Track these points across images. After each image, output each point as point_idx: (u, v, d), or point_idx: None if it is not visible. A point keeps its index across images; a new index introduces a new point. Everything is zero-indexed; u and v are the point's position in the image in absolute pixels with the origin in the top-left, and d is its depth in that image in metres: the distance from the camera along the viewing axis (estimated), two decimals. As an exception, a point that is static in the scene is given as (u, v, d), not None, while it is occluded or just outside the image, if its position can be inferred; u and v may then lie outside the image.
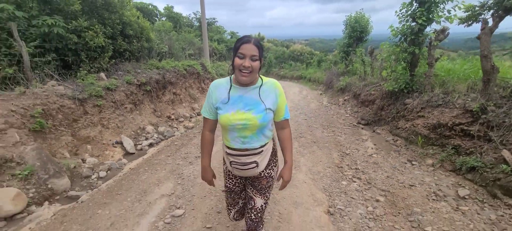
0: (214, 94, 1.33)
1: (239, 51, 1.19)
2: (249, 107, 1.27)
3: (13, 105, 3.44)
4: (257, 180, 1.44)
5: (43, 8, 5.04)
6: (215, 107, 1.33)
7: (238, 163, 1.35)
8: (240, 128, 1.28)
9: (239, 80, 1.24)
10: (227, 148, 1.38)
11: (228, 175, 1.53)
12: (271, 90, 1.32)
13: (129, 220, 2.17)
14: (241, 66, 1.19)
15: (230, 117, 1.27)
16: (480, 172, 2.75)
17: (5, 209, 2.47)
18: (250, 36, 1.23)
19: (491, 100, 3.05)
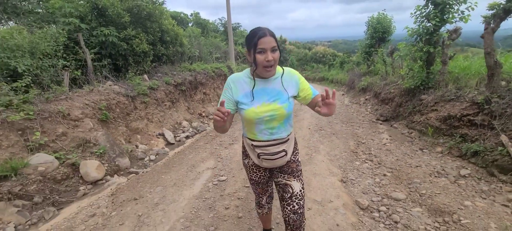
0: (235, 88, 1.32)
1: (258, 46, 1.18)
2: (274, 98, 1.28)
3: (86, 100, 4.40)
4: (286, 165, 1.43)
5: (100, 21, 6.12)
6: (236, 101, 1.31)
7: (267, 153, 1.34)
8: (267, 120, 1.28)
9: (265, 75, 1.26)
10: (252, 142, 1.36)
11: (252, 169, 1.49)
12: (291, 78, 1.34)
13: (186, 182, 2.91)
14: (265, 61, 1.20)
15: (256, 110, 1.26)
16: (481, 155, 3.16)
17: (91, 175, 3.34)
18: (263, 29, 1.22)
19: (495, 92, 3.42)
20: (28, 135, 3.34)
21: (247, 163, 1.50)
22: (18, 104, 3.48)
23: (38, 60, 4.52)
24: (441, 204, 2.26)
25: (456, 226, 1.97)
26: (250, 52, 1.23)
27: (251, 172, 1.51)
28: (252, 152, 1.40)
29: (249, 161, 1.48)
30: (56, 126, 3.67)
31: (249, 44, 1.24)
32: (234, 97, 1.30)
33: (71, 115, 3.95)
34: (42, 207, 2.83)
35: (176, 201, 2.47)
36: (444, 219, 2.06)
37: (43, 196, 2.94)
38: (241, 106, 1.30)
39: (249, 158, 1.47)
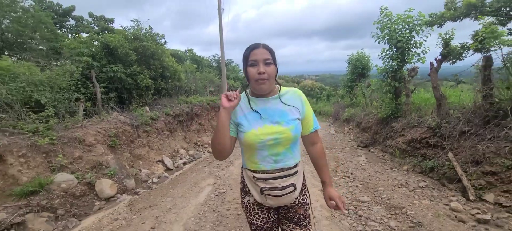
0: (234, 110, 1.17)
1: (250, 59, 1.11)
2: (277, 119, 1.15)
3: (98, 128, 5.01)
4: (292, 210, 1.25)
5: (109, 59, 6.93)
6: (236, 123, 1.18)
7: (272, 188, 1.15)
8: (271, 144, 1.13)
9: (258, 90, 1.15)
10: (254, 173, 1.18)
11: (253, 210, 1.27)
12: (296, 97, 1.22)
13: (191, 194, 3.48)
14: (256, 74, 1.10)
15: (257, 132, 1.13)
16: (436, 170, 3.91)
17: (105, 193, 3.85)
18: (257, 43, 1.15)
19: (444, 119, 4.30)
20: (51, 157, 3.88)
21: (247, 201, 1.27)
22: (43, 131, 4.07)
23: (55, 93, 5.19)
24: (396, 203, 2.94)
25: (403, 216, 2.63)
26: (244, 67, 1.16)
27: (252, 214, 1.27)
28: (253, 187, 1.20)
29: (249, 199, 1.26)
30: (74, 150, 4.23)
31: (243, 60, 1.16)
32: (234, 119, 1.17)
33: (86, 141, 4.52)
34: (65, 219, 3.29)
35: (185, 206, 3.04)
36: (396, 212, 2.72)
37: (65, 209, 3.41)
38: (240, 128, 1.16)
39: (249, 195, 1.25)
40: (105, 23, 16.78)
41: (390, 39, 5.88)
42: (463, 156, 3.55)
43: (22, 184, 3.41)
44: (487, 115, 3.53)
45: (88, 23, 16.78)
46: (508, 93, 3.27)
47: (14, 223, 2.98)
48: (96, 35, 12.12)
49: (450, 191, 3.39)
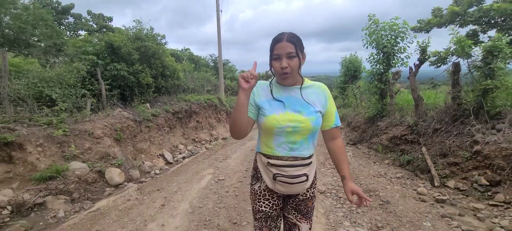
0: (258, 92, 1.23)
1: (274, 53, 1.15)
2: (299, 108, 1.18)
3: (105, 123, 5.41)
4: (302, 201, 1.29)
5: (112, 58, 7.32)
6: (257, 105, 1.22)
7: (285, 175, 1.18)
8: (289, 131, 1.16)
9: (282, 83, 1.21)
10: (268, 158, 1.21)
11: (264, 196, 1.29)
12: (320, 92, 1.26)
13: (193, 180, 3.93)
14: (280, 69, 1.14)
15: (278, 117, 1.16)
16: (412, 163, 4.43)
17: (115, 180, 4.26)
18: (283, 33, 1.16)
19: (420, 118, 4.83)
20: (64, 147, 4.28)
21: (258, 188, 1.30)
22: (56, 123, 4.46)
23: (64, 89, 5.57)
24: (371, 188, 3.43)
25: (375, 197, 3.13)
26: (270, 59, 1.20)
27: (261, 201, 1.29)
28: (266, 173, 1.23)
29: (260, 185, 1.29)
30: (84, 141, 4.63)
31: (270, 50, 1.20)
32: (256, 100, 1.21)
33: (94, 134, 4.93)
34: (80, 201, 3.70)
35: (189, 190, 3.48)
36: (369, 194, 3.22)
37: (79, 193, 3.82)
38: (262, 111, 1.20)
39: (260, 181, 1.29)
40: (104, 21, 17.04)
41: (378, 45, 6.40)
42: (434, 150, 4.07)
43: (40, 170, 3.81)
44: (455, 114, 4.06)
45: (86, 21, 17.01)
46: (472, 95, 3.80)
47: (36, 203, 3.38)
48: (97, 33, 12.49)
49: (421, 180, 3.90)
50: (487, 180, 2.97)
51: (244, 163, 5.10)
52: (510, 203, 2.63)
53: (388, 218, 2.59)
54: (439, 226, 2.42)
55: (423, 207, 2.94)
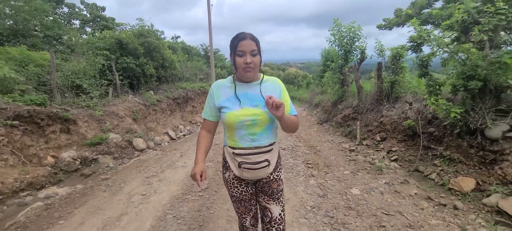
0: (217, 94, 1.40)
1: (238, 49, 1.27)
2: (255, 103, 1.34)
3: (124, 106, 7.18)
4: (267, 184, 1.45)
5: (121, 52, 8.94)
6: (219, 107, 1.38)
7: (249, 163, 1.35)
8: (249, 124, 1.32)
9: (244, 77, 1.33)
10: (233, 149, 1.38)
11: (233, 184, 1.46)
12: (275, 86, 1.41)
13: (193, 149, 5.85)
14: (244, 64, 1.26)
15: (237, 113, 1.32)
16: (350, 133, 6.48)
17: (140, 146, 6.10)
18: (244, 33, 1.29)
19: (361, 101, 6.86)
20: (101, 123, 6.06)
21: (228, 177, 1.47)
22: (93, 106, 6.22)
23: (89, 79, 7.26)
24: (313, 146, 5.45)
25: (314, 149, 5.14)
26: (231, 55, 1.33)
27: (232, 187, 1.48)
28: (232, 162, 1.40)
29: (229, 174, 1.46)
30: (113, 119, 6.42)
31: (230, 47, 1.33)
32: (216, 104, 1.38)
33: (119, 114, 6.71)
34: (120, 159, 5.54)
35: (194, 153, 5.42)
36: (310, 149, 5.23)
37: (118, 154, 5.65)
38: (223, 110, 1.36)
39: (229, 170, 1.45)
40: (97, 10, 18.13)
41: (340, 44, 8.33)
42: (363, 122, 6.12)
43: (89, 139, 5.60)
44: (378, 98, 6.08)
45: (80, 10, 18.08)
46: (386, 85, 5.80)
47: (93, 159, 5.21)
48: (91, 23, 13.90)
49: (351, 141, 5.96)
50: (380, 138, 5.01)
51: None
52: (387, 150, 4.68)
53: (315, 157, 4.62)
54: (339, 159, 4.46)
55: (338, 152, 4.98)
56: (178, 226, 2.46)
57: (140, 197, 3.13)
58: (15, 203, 3.50)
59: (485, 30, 2.89)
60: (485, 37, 2.97)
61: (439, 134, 3.66)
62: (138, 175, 4.05)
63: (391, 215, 2.57)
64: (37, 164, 4.57)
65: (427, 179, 3.40)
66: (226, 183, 1.49)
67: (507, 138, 2.83)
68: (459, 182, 2.94)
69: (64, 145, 5.30)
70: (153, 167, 4.47)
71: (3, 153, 4.09)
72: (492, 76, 2.89)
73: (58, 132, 5.26)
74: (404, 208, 2.72)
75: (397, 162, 4.08)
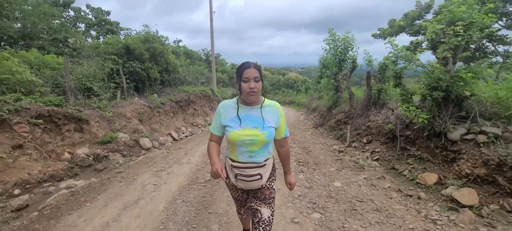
0: (223, 114, 1.62)
1: (243, 76, 1.49)
2: (255, 125, 1.55)
3: (131, 108, 7.72)
4: (260, 191, 1.67)
5: (128, 57, 9.51)
6: (224, 125, 1.61)
7: (243, 175, 1.59)
8: (248, 143, 1.54)
9: (248, 100, 1.54)
10: (232, 161, 1.62)
11: (232, 188, 1.78)
12: (274, 111, 1.62)
13: (200, 145, 6.37)
14: (248, 88, 1.48)
15: (239, 132, 1.53)
16: (341, 136, 7.02)
17: (146, 146, 6.63)
18: (249, 62, 1.53)
19: (352, 106, 7.41)
20: (111, 123, 6.60)
21: (228, 182, 1.76)
22: (103, 107, 6.76)
23: (98, 82, 7.80)
24: (306, 147, 5.98)
25: (306, 150, 5.67)
26: (238, 81, 1.55)
27: (231, 190, 1.81)
28: (230, 172, 1.65)
29: (229, 181, 1.73)
30: (121, 120, 6.96)
31: (236, 75, 1.57)
32: (222, 122, 1.61)
33: (126, 115, 7.25)
34: (128, 156, 6.06)
35: (199, 148, 5.93)
36: (303, 149, 5.75)
37: (127, 152, 6.18)
38: (227, 129, 1.58)
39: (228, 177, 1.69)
40: (102, 14, 18.75)
41: (335, 53, 8.91)
42: (353, 126, 6.67)
43: (100, 137, 6.13)
44: (367, 104, 6.64)
45: (85, 14, 18.72)
46: (374, 92, 6.35)
47: (104, 156, 5.74)
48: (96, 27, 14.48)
49: (342, 144, 6.50)
50: (367, 140, 5.56)
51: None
52: (371, 151, 5.21)
53: (306, 156, 5.15)
54: (328, 159, 4.99)
55: (328, 153, 5.52)
56: (187, 208, 2.99)
57: (152, 186, 3.66)
58: (40, 191, 4.02)
59: (447, 48, 3.45)
60: (448, 55, 3.53)
61: (413, 137, 4.20)
62: (148, 169, 4.57)
63: (363, 202, 3.10)
64: (55, 159, 5.09)
65: (401, 175, 3.94)
66: (227, 186, 1.82)
67: (464, 140, 3.37)
68: (425, 177, 3.48)
69: (77, 143, 5.83)
70: (161, 163, 4.99)
71: (28, 148, 4.63)
72: (453, 88, 3.45)
73: (73, 130, 5.79)
74: (376, 197, 3.25)
75: (378, 161, 4.62)
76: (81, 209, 3.06)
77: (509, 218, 2.53)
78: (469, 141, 3.31)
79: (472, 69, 3.39)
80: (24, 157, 4.50)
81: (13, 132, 4.52)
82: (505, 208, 2.64)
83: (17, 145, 4.46)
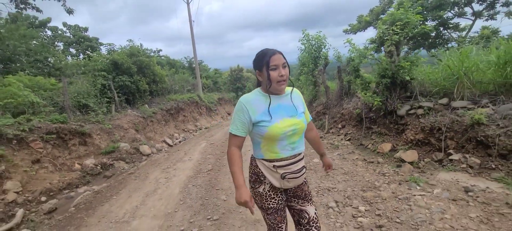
0: (251, 109, 1.42)
1: (271, 64, 1.35)
2: (291, 113, 1.45)
3: (127, 119, 8.36)
4: (299, 188, 1.57)
5: (117, 72, 10.09)
6: (256, 121, 1.41)
7: (291, 172, 1.45)
8: (290, 134, 1.42)
9: (279, 90, 1.43)
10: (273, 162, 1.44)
11: (269, 196, 1.50)
12: (299, 96, 1.60)
13: (196, 146, 7.14)
14: (278, 77, 1.36)
15: (279, 125, 1.38)
16: (321, 125, 8.02)
17: (146, 152, 7.32)
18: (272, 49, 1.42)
19: (329, 98, 8.44)
20: (111, 135, 7.23)
21: (263, 190, 1.50)
22: (102, 121, 7.38)
23: (92, 98, 8.38)
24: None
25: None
26: (262, 71, 1.39)
27: (268, 200, 1.51)
28: (272, 174, 1.46)
29: (264, 187, 1.50)
30: (120, 131, 7.61)
31: (260, 64, 1.40)
32: (253, 119, 1.41)
33: (123, 127, 7.90)
34: (131, 162, 6.72)
35: (196, 149, 6.70)
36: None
37: (129, 160, 6.83)
38: (262, 124, 1.39)
39: (264, 183, 1.49)
40: (80, 31, 18.92)
41: (309, 51, 9.93)
42: (330, 115, 7.68)
43: (103, 148, 6.77)
44: (340, 95, 7.67)
45: (62, 32, 18.85)
46: (345, 84, 7.38)
47: (110, 164, 6.39)
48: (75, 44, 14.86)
49: (322, 131, 7.48)
50: (341, 126, 6.56)
51: (223, 137, 8.38)
52: (344, 133, 6.19)
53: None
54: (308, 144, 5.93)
55: None
56: (198, 189, 3.80)
57: (165, 179, 4.42)
58: (63, 197, 4.68)
59: (390, 44, 4.46)
60: (392, 49, 4.55)
61: (375, 117, 5.21)
62: (156, 169, 5.32)
63: (335, 170, 4.04)
64: (68, 170, 5.72)
65: (367, 148, 4.93)
66: (261, 197, 1.51)
67: (409, 114, 4.39)
68: (382, 147, 4.48)
69: (83, 155, 6.44)
70: (165, 163, 5.74)
71: (45, 162, 5.25)
72: (398, 75, 4.47)
73: (78, 144, 6.41)
74: (345, 165, 4.20)
75: (350, 141, 5.62)
76: (110, 201, 3.79)
77: (436, 166, 3.54)
78: (412, 115, 4.34)
79: (409, 58, 4.43)
80: (42, 169, 5.12)
81: (30, 148, 5.13)
82: (433, 159, 3.65)
83: (35, 159, 5.08)
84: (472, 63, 3.78)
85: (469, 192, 2.69)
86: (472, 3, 10.57)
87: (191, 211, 3.09)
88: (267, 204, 1.50)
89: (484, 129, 3.17)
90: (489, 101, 3.51)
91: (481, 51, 4.12)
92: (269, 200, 1.50)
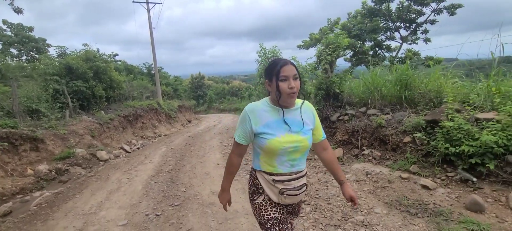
0: (254, 119, 1.38)
1: (281, 75, 1.29)
2: (296, 129, 1.38)
3: (82, 125, 8.34)
4: (297, 205, 1.56)
5: (71, 77, 9.88)
6: (257, 132, 1.37)
7: (290, 189, 1.41)
8: (291, 151, 1.36)
9: (288, 103, 1.37)
10: (271, 176, 1.41)
11: (270, 205, 1.46)
12: (310, 110, 1.49)
13: (156, 151, 7.48)
14: (288, 89, 1.29)
15: (280, 140, 1.33)
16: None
17: (104, 157, 7.43)
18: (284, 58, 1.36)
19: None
20: (65, 140, 7.21)
21: (263, 200, 1.47)
22: (55, 126, 7.33)
23: (43, 104, 8.20)
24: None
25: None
26: (272, 81, 1.34)
27: (268, 210, 1.46)
28: (271, 188, 1.43)
29: (264, 198, 1.47)
30: (75, 137, 7.60)
31: (270, 74, 1.35)
32: (254, 129, 1.37)
33: (79, 132, 7.89)
34: (88, 168, 6.80)
35: (156, 153, 7.07)
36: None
37: (86, 165, 6.91)
38: (263, 136, 1.36)
39: (263, 194, 1.47)
40: (24, 31, 17.61)
41: (265, 64, 10.91)
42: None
43: (57, 154, 6.76)
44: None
45: (2, 31, 17.38)
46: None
47: (65, 170, 6.43)
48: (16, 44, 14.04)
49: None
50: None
51: (183, 142, 8.82)
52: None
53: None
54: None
55: None
56: (160, 185, 4.31)
57: (127, 179, 4.81)
58: (18, 201, 4.76)
59: (325, 63, 5.54)
60: (327, 66, 5.64)
61: (315, 123, 6.26)
62: (117, 171, 5.62)
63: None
64: (20, 175, 5.70)
65: (308, 149, 5.92)
66: (260, 208, 1.47)
67: (339, 120, 5.48)
68: (318, 146, 5.49)
69: (35, 161, 6.40)
70: (126, 166, 6.05)
71: (-5, 167, 5.21)
72: (331, 88, 5.54)
73: (28, 150, 6.37)
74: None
75: (296, 143, 6.58)
76: (73, 199, 4.09)
77: (353, 159, 4.60)
78: (341, 120, 5.43)
79: (339, 75, 5.56)
80: (-7, 175, 5.09)
81: (-21, 153, 5.07)
82: (352, 154, 4.71)
83: (-15, 164, 5.04)
84: (379, 81, 4.98)
85: (368, 175, 3.73)
86: (399, 29, 12.72)
87: (154, 201, 3.61)
88: (267, 215, 1.45)
89: (384, 130, 4.30)
90: (390, 110, 4.70)
91: (387, 72, 5.39)
92: (269, 211, 1.45)
